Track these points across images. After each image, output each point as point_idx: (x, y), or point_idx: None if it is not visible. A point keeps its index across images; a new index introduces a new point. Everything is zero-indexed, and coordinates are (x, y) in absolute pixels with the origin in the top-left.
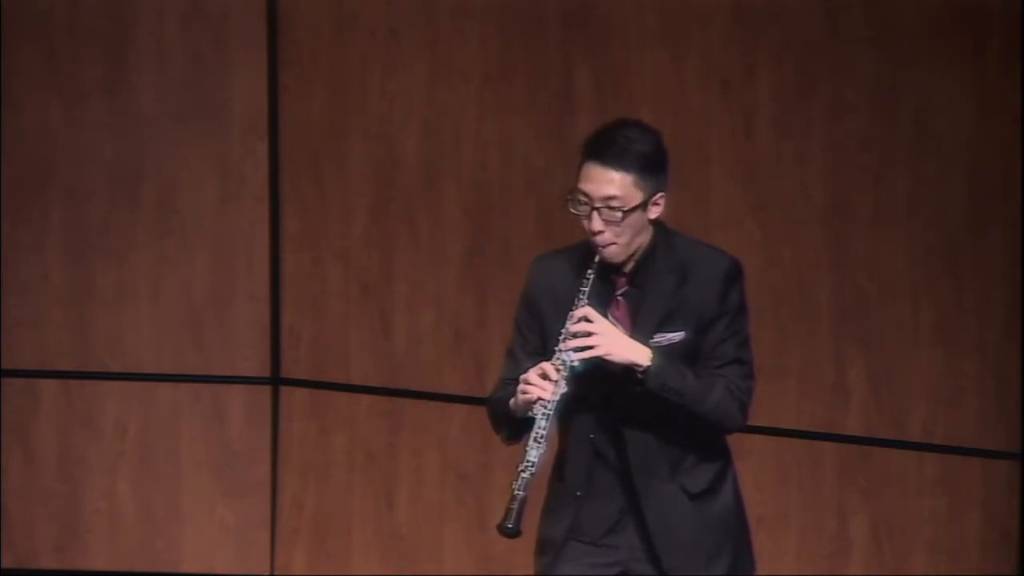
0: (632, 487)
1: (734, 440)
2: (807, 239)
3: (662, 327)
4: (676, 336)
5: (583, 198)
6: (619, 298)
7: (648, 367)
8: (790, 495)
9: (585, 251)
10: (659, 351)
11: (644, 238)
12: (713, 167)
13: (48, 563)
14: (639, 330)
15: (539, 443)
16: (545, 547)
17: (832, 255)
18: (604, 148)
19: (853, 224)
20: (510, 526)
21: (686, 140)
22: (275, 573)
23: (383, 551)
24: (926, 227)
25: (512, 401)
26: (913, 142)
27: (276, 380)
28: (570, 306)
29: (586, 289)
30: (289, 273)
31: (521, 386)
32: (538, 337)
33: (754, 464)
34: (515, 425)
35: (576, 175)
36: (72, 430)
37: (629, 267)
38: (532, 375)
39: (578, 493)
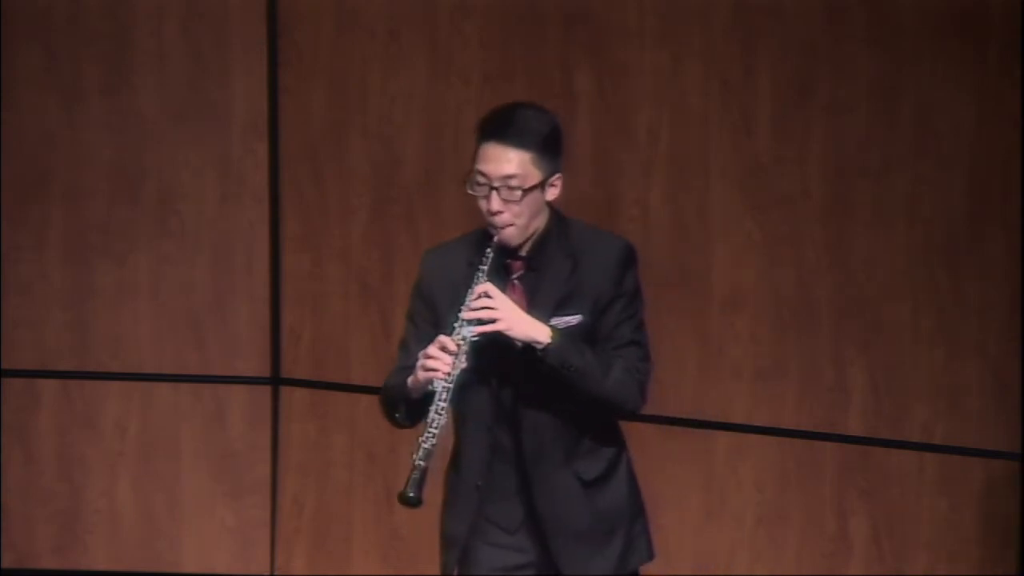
0: (523, 474)
1: (734, 440)
2: (807, 239)
3: (559, 310)
4: (573, 319)
5: (481, 179)
6: (515, 282)
7: (548, 344)
8: (790, 495)
9: (476, 240)
10: (558, 330)
11: (540, 221)
12: (713, 167)
13: (48, 563)
14: (536, 313)
15: (440, 415)
16: (449, 543)
17: (832, 255)
18: (502, 127)
19: (853, 224)
20: (411, 494)
21: (686, 140)
22: (275, 573)
23: (383, 551)
24: (926, 227)
25: (410, 379)
26: (913, 142)
27: (276, 380)
28: (464, 294)
29: (485, 267)
30: (289, 273)
31: (421, 361)
32: (432, 327)
33: (754, 464)
34: (412, 405)
35: (472, 157)
36: (72, 430)
37: (525, 250)
38: (432, 348)
39: (478, 483)
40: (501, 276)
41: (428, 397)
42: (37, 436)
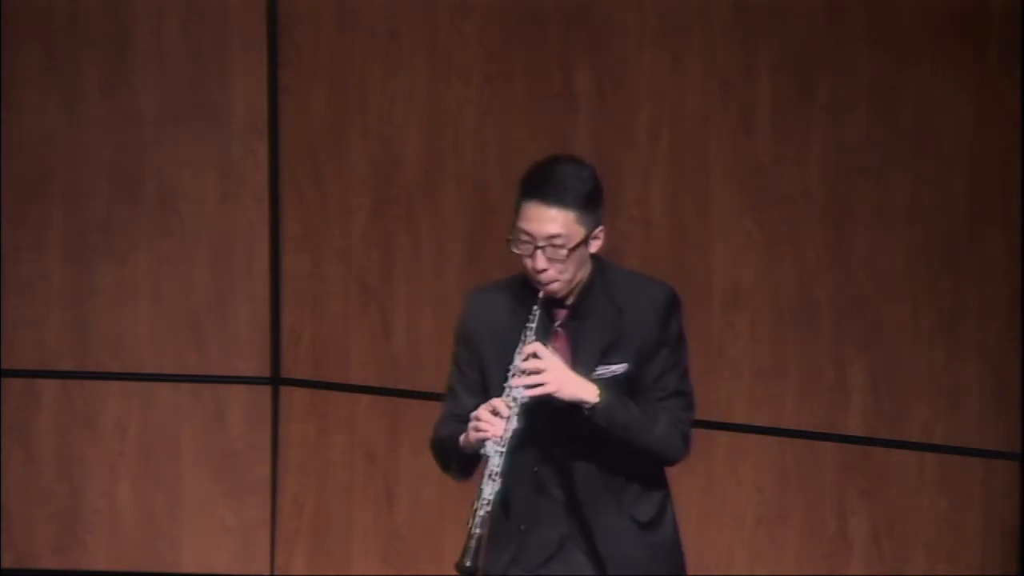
0: (579, 517)
1: (734, 440)
2: (807, 239)
3: (604, 358)
4: (619, 368)
5: (525, 237)
6: (558, 329)
7: (596, 404)
8: (790, 495)
9: (521, 284)
10: (605, 386)
11: (585, 271)
12: (713, 167)
13: (48, 563)
14: (580, 361)
15: (494, 480)
16: None
17: (832, 255)
18: (543, 186)
19: (853, 224)
20: (468, 564)
21: (686, 140)
22: (275, 573)
23: (383, 551)
24: (926, 227)
25: (463, 438)
26: (913, 142)
27: (276, 380)
28: (508, 341)
29: (533, 324)
30: (289, 273)
31: (472, 423)
32: (477, 373)
33: (754, 464)
34: (465, 461)
35: (515, 214)
36: (72, 430)
37: (569, 300)
38: (483, 412)
39: (522, 527)
40: (545, 324)
41: (478, 455)
42: (37, 436)
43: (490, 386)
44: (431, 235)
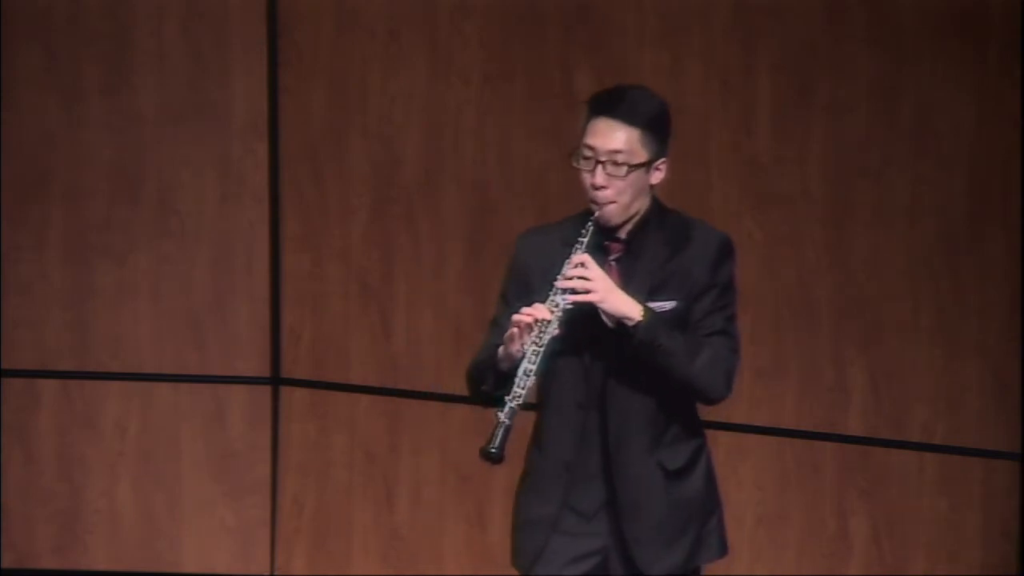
0: (607, 461)
1: (734, 440)
2: (807, 239)
3: (653, 295)
4: (667, 305)
5: (588, 152)
6: (612, 263)
7: (640, 321)
8: (790, 495)
9: (574, 223)
10: (651, 309)
11: (642, 203)
12: (713, 167)
13: (48, 563)
14: (630, 295)
15: (528, 376)
16: (535, 524)
17: (832, 255)
18: (614, 103)
19: (853, 224)
20: (494, 450)
21: (686, 140)
22: (275, 573)
23: (383, 551)
24: (926, 227)
25: (501, 348)
26: (913, 142)
27: (276, 380)
28: (556, 272)
29: (584, 239)
30: (289, 273)
31: (514, 320)
32: (524, 304)
33: (754, 464)
34: (501, 376)
35: (581, 132)
36: (72, 430)
37: (624, 233)
38: (524, 313)
39: (567, 460)
40: (599, 256)
41: (517, 369)
42: (37, 436)
43: (544, 294)
44: (431, 235)
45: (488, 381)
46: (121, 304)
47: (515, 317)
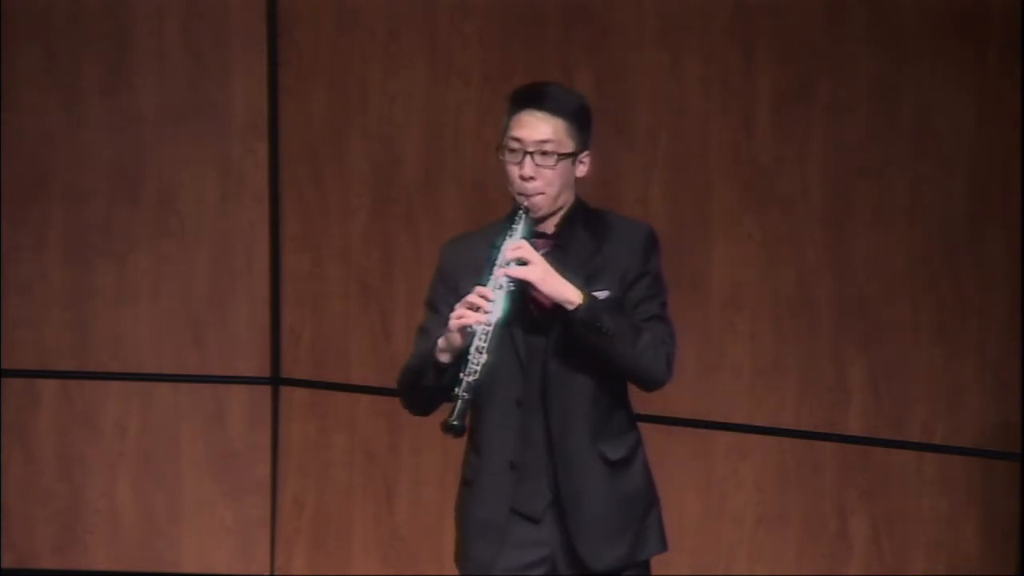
0: (551, 455)
1: (734, 440)
2: (807, 239)
3: (588, 285)
4: (601, 295)
5: (514, 144)
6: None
7: (580, 303)
8: (790, 495)
9: (497, 228)
10: (589, 293)
11: (568, 197)
12: (713, 167)
13: (48, 563)
14: None
15: (482, 352)
16: (484, 530)
17: (832, 255)
18: (538, 96)
19: (853, 224)
20: (455, 422)
21: (686, 140)
22: (275, 573)
23: (383, 551)
24: (926, 227)
25: (441, 340)
26: (913, 142)
27: (276, 380)
28: (482, 273)
29: (518, 227)
30: (289, 273)
31: (458, 308)
32: (452, 310)
33: (754, 464)
34: (440, 369)
35: (504, 128)
36: (72, 430)
37: (551, 228)
38: (469, 297)
39: (512, 460)
40: (518, 225)
41: (459, 359)
42: (37, 436)
43: (484, 279)
44: (431, 235)
45: (429, 376)
46: (121, 304)
47: (460, 303)
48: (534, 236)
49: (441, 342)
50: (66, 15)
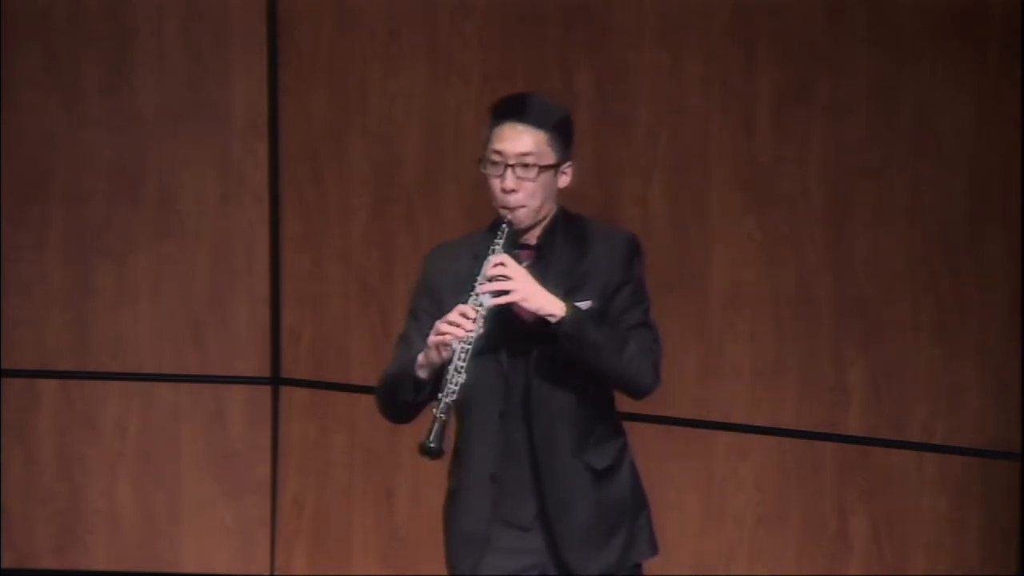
0: (534, 465)
1: (734, 440)
2: (807, 239)
3: (569, 297)
4: (584, 306)
5: (496, 157)
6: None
7: (564, 316)
8: (790, 495)
9: (482, 238)
10: (573, 304)
11: (550, 208)
12: (713, 167)
13: (48, 563)
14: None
15: (460, 372)
16: (467, 542)
17: (832, 255)
18: (519, 108)
19: (853, 224)
20: (433, 444)
21: (686, 140)
22: (275, 573)
23: (383, 551)
24: (926, 227)
25: (421, 356)
26: (913, 142)
27: (276, 380)
28: (465, 285)
29: (501, 241)
30: (289, 273)
31: (436, 328)
32: (434, 319)
33: (754, 464)
34: (419, 385)
35: (486, 140)
36: (72, 430)
37: (533, 239)
38: (450, 315)
39: (493, 472)
40: (500, 241)
41: (437, 375)
42: (37, 436)
43: (466, 296)
44: (431, 235)
45: (407, 391)
46: (121, 304)
47: (437, 323)
48: (516, 247)
49: (420, 358)
50: (66, 15)
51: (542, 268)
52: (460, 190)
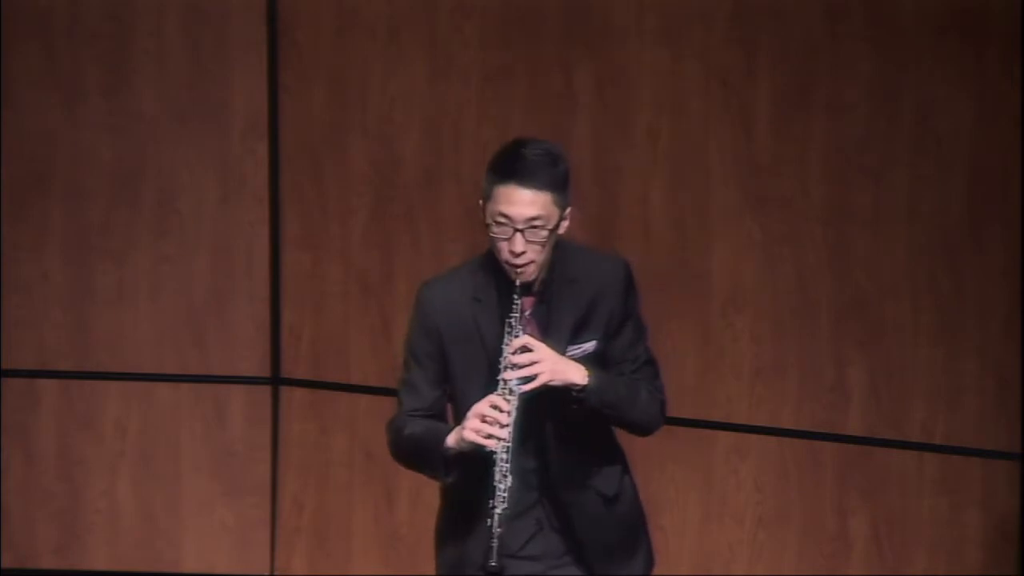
0: (552, 498)
1: (735, 440)
2: (807, 239)
3: (574, 338)
4: (589, 346)
5: (503, 220)
6: (528, 316)
7: (586, 385)
8: (790, 495)
9: (476, 269)
10: (591, 369)
11: (549, 252)
12: (713, 167)
13: (48, 563)
14: (551, 343)
15: (506, 476)
16: (462, 567)
17: (832, 255)
18: (520, 170)
19: (853, 224)
20: (494, 564)
21: (686, 140)
22: (275, 573)
23: (383, 551)
24: (926, 227)
25: (451, 438)
26: (913, 142)
27: (276, 380)
28: (472, 329)
29: (517, 315)
30: (289, 273)
31: (472, 423)
32: (438, 364)
33: (754, 464)
34: (452, 461)
35: (486, 197)
36: (72, 430)
37: (536, 284)
38: (484, 408)
39: (506, 508)
40: (514, 314)
41: (472, 452)
42: (37, 436)
43: (454, 376)
44: (431, 235)
45: (436, 468)
46: (121, 304)
47: (472, 414)
48: (519, 293)
49: (451, 440)
50: (66, 15)
51: (545, 312)
52: (460, 190)
